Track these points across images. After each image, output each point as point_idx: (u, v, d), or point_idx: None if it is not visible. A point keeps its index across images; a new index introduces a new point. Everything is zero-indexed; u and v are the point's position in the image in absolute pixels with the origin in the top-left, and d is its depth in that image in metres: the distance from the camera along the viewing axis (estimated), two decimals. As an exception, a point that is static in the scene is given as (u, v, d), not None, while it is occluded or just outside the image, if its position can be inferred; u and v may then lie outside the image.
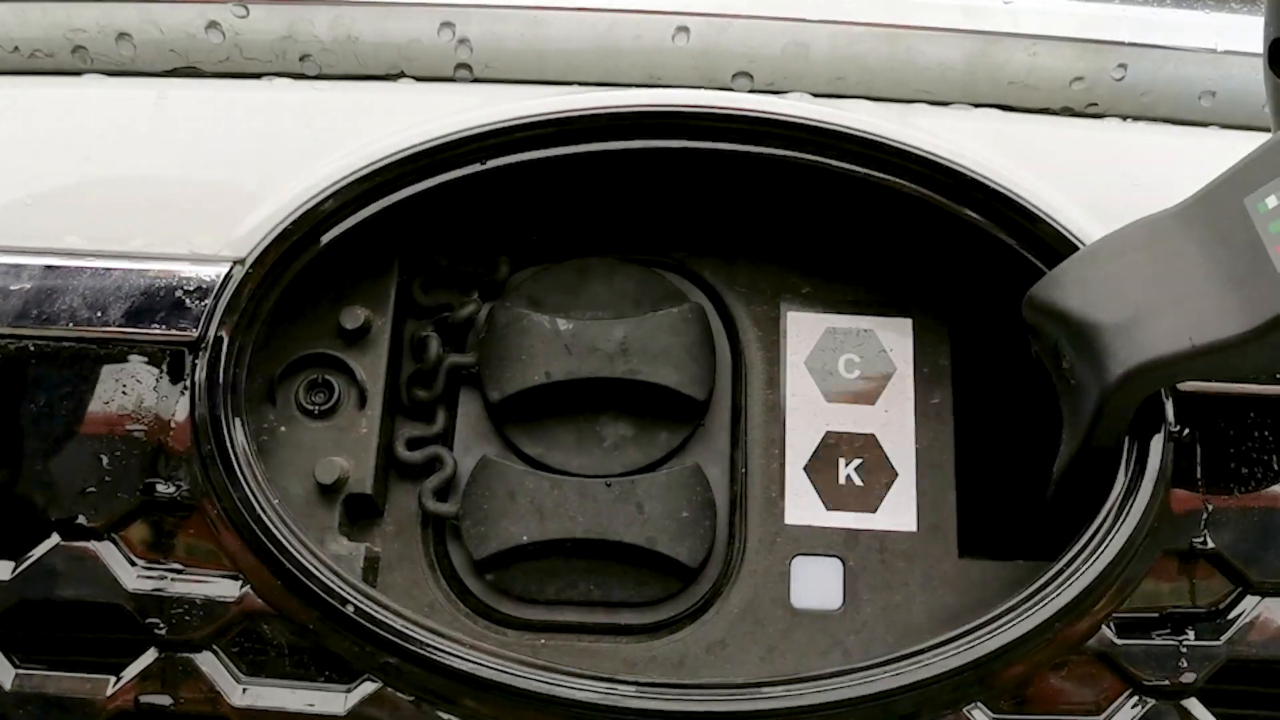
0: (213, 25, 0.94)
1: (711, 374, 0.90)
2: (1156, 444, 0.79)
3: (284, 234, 0.82)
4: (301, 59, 0.95)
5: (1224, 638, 0.77)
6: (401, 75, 0.95)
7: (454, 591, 0.86)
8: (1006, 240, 0.86)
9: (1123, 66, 0.95)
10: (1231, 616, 0.78)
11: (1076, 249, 0.82)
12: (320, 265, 0.84)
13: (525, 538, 0.85)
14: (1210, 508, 0.79)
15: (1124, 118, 0.96)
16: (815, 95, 0.94)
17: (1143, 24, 0.95)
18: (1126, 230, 0.76)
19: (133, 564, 0.77)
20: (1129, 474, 0.79)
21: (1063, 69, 0.95)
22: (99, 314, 0.80)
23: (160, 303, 0.81)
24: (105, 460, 0.78)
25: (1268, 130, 0.77)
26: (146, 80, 0.94)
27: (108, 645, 0.77)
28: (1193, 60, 0.95)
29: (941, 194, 0.87)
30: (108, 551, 0.77)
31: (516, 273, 0.94)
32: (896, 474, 0.89)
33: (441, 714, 0.75)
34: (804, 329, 0.92)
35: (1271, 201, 0.70)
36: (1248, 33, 0.96)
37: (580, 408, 0.90)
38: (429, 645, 0.74)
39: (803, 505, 0.88)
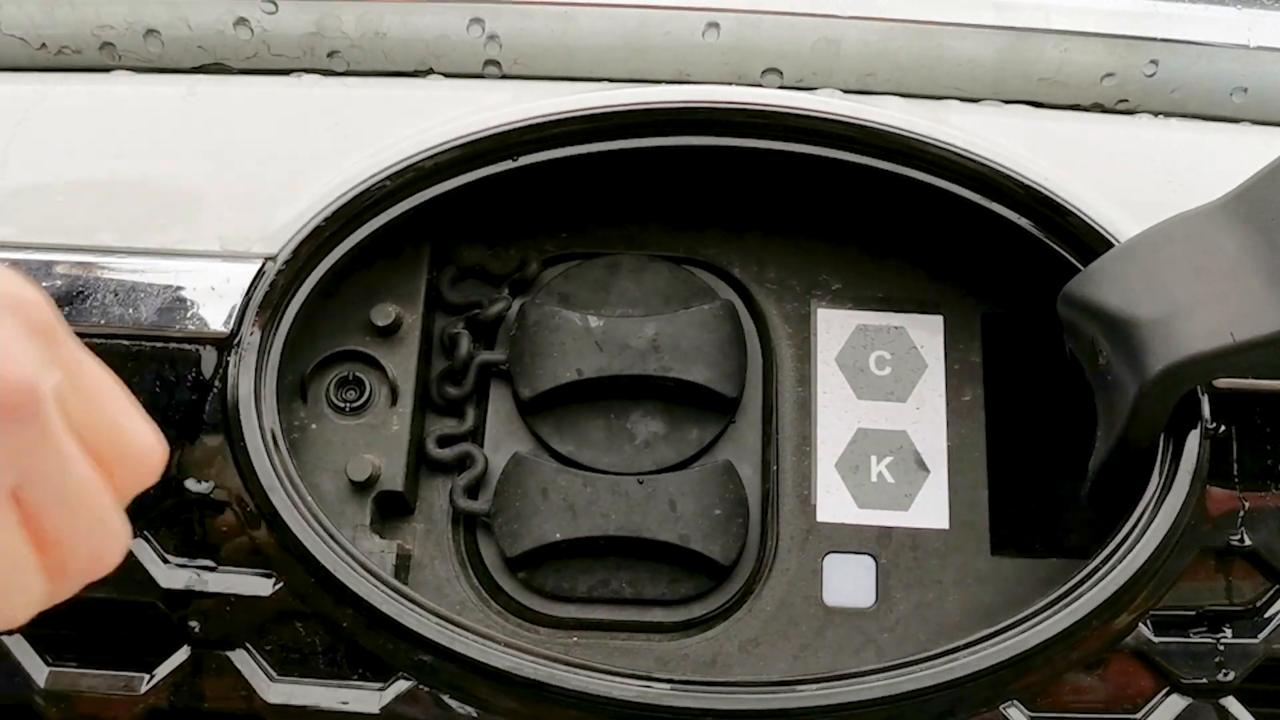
0: (241, 21, 0.94)
1: (743, 371, 0.89)
2: (1192, 441, 0.78)
3: (316, 231, 0.82)
4: (330, 55, 0.95)
5: (1261, 635, 0.77)
6: (430, 72, 0.95)
7: (485, 589, 0.86)
8: (1038, 236, 0.86)
9: (1154, 63, 0.95)
10: (1269, 614, 0.78)
11: (1110, 245, 0.81)
12: (351, 262, 0.84)
13: (558, 535, 0.84)
14: (1247, 505, 0.79)
15: (1155, 114, 0.96)
16: (845, 92, 0.94)
17: (1174, 20, 0.95)
18: (1165, 225, 0.76)
19: (165, 561, 0.77)
20: (1164, 471, 0.79)
21: (1093, 65, 0.95)
22: (130, 311, 0.80)
23: (192, 300, 0.80)
24: (138, 457, 0.78)
25: (1303, 126, 0.77)
26: (175, 77, 0.94)
27: (141, 643, 0.76)
28: (1225, 56, 0.95)
29: (973, 190, 0.86)
30: (141, 548, 0.77)
31: (546, 269, 0.93)
32: (928, 471, 0.89)
33: (476, 712, 0.74)
34: (834, 326, 0.92)
35: (1315, 196, 0.70)
36: (1280, 28, 0.96)
37: (611, 405, 0.89)
38: (464, 643, 0.74)
39: (835, 503, 0.88)
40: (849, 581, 0.86)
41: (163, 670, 0.76)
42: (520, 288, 0.93)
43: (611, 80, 0.94)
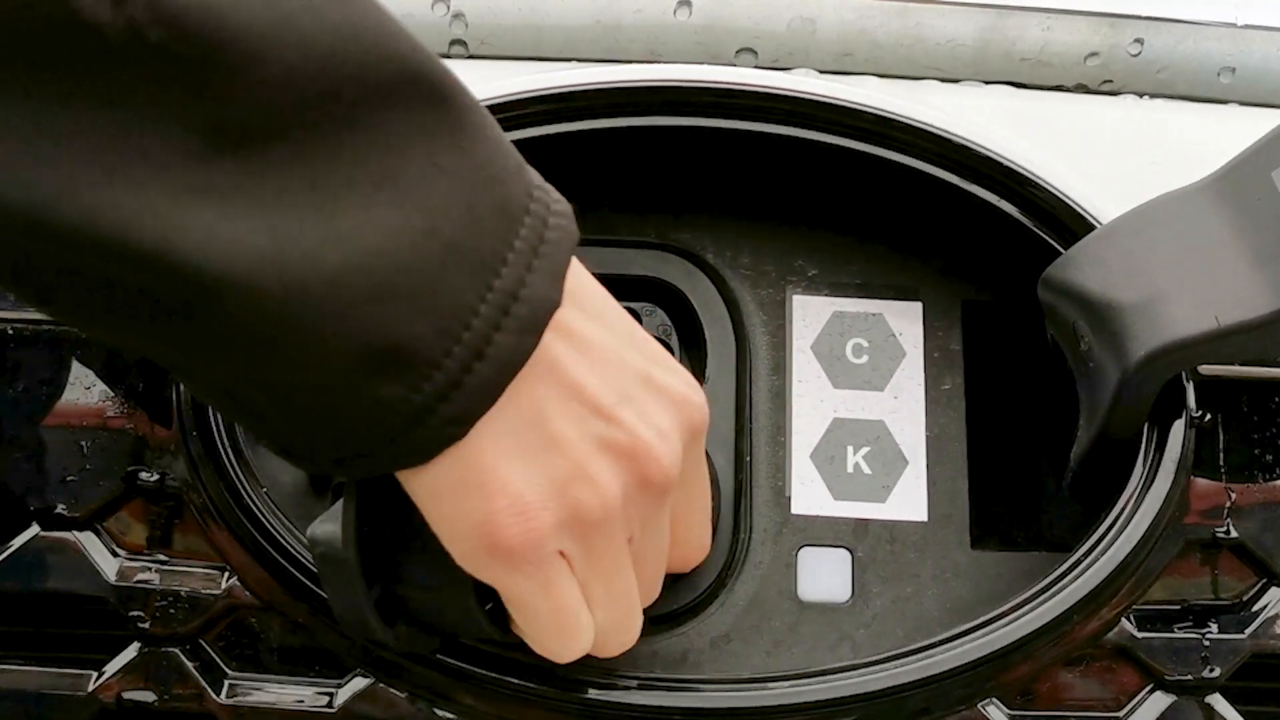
0: (200, 0, 0.91)
1: None
2: (1177, 430, 0.76)
3: (272, 214, 0.79)
4: (292, 35, 0.92)
5: (1248, 631, 0.75)
6: (395, 52, 0.93)
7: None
8: (1020, 219, 0.83)
9: (1139, 42, 0.93)
10: (1256, 609, 0.76)
11: (1093, 228, 0.80)
12: (310, 246, 0.82)
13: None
14: (1233, 496, 0.77)
15: (1140, 95, 0.94)
16: (822, 72, 0.92)
17: (1160, -3, 0.93)
18: (1147, 207, 0.74)
19: (115, 555, 0.75)
20: (1148, 461, 0.76)
21: (1077, 44, 0.93)
22: (80, 296, 0.78)
23: (144, 285, 0.78)
24: (87, 448, 0.76)
25: (1291, 106, 0.75)
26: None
27: (89, 639, 0.74)
28: (1211, 35, 0.93)
29: (953, 172, 0.84)
30: (90, 542, 0.75)
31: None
32: (906, 462, 0.86)
33: (436, 710, 0.72)
34: (810, 313, 0.90)
35: (1301, 176, 0.68)
36: (1268, 6, 0.94)
37: None
38: (423, 639, 0.72)
39: (810, 494, 0.85)
40: (824, 575, 0.84)
41: (111, 668, 0.74)
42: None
43: (581, 60, 0.92)
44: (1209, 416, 0.78)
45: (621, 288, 0.89)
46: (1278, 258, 0.68)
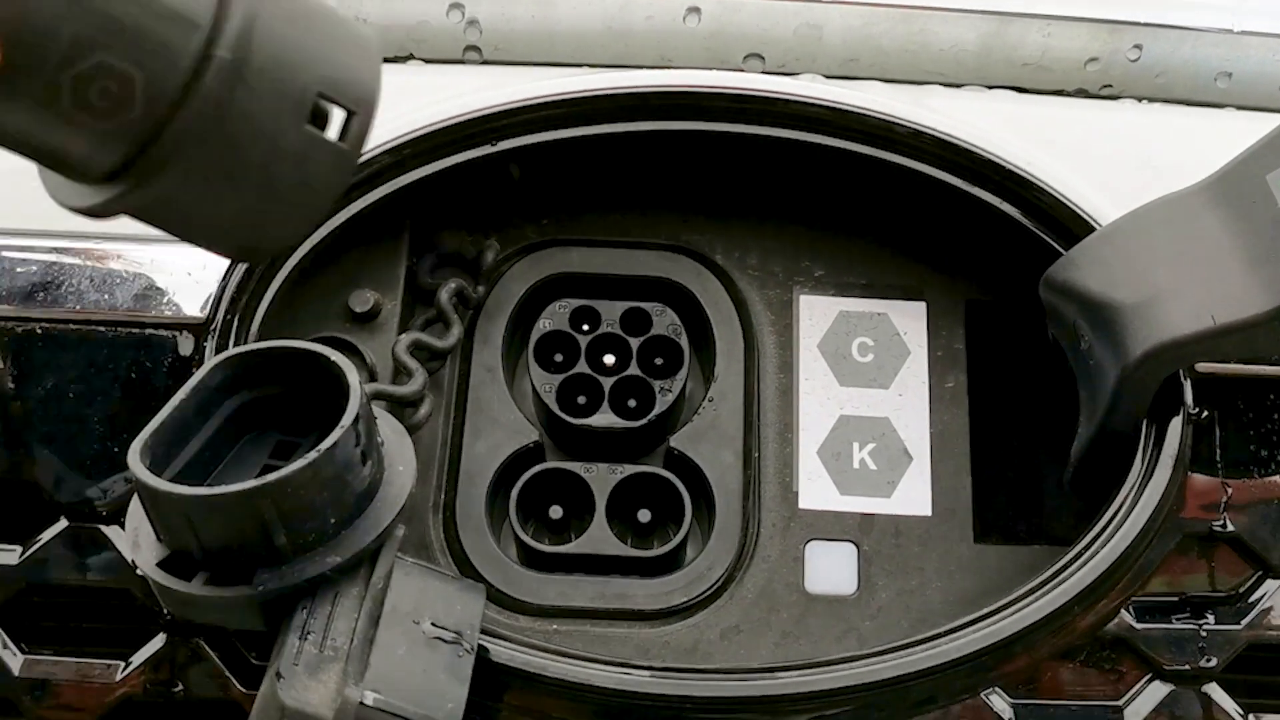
0: (220, 7, 0.93)
1: None
2: (1175, 426, 0.78)
3: (293, 216, 0.81)
4: (309, 41, 0.94)
5: (1244, 622, 0.77)
6: (410, 57, 0.95)
7: (466, 576, 0.85)
8: (1021, 221, 0.85)
9: (1138, 47, 0.94)
10: (1252, 600, 0.77)
11: (1092, 230, 0.81)
12: (329, 248, 0.84)
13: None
14: (1229, 491, 0.78)
15: (1139, 99, 0.96)
16: (828, 77, 0.94)
17: (1158, 4, 0.95)
18: (1146, 209, 0.76)
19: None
20: (1147, 457, 0.78)
21: (1077, 50, 0.94)
22: (107, 297, 0.80)
23: (168, 285, 0.80)
24: (114, 444, 0.77)
25: (1287, 110, 0.77)
26: (153, 63, 0.93)
27: (116, 630, 0.76)
28: (1209, 41, 0.95)
29: (956, 175, 0.86)
30: (117, 535, 0.76)
31: (529, 254, 0.93)
32: (911, 458, 0.88)
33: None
34: (817, 312, 0.91)
35: (1295, 178, 0.69)
36: (1265, 13, 0.95)
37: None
38: (441, 629, 0.73)
39: (817, 490, 0.87)
40: (831, 569, 0.85)
41: (138, 658, 0.75)
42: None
43: (593, 65, 0.93)
44: (1206, 413, 0.79)
45: (632, 288, 0.92)
46: (1272, 259, 0.69)
